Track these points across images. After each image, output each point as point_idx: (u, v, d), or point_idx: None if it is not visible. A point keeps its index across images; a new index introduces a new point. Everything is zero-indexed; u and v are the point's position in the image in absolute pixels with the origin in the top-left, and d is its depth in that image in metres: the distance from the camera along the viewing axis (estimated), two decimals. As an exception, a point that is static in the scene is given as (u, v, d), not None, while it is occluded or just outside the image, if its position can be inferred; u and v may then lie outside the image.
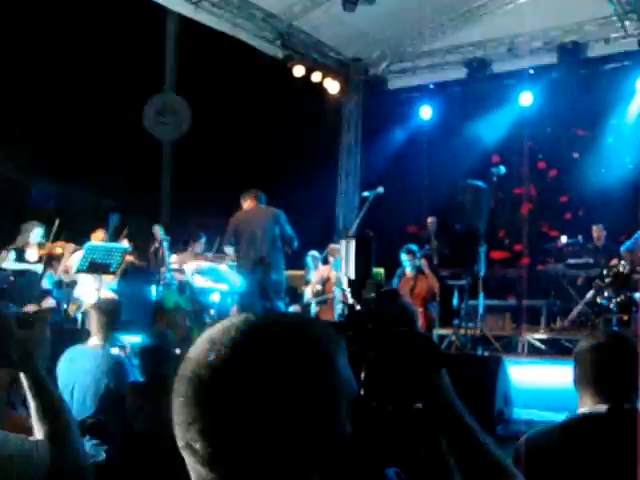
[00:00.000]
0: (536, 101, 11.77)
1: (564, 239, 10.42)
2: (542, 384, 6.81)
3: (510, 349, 9.38)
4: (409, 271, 9.13)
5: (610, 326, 8.34)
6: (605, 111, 11.53)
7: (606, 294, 8.13)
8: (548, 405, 4.96)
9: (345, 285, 2.68)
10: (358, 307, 2.39)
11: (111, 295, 7.84)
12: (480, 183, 8.17)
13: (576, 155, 12.00)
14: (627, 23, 10.66)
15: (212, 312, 8.81)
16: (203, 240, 9.52)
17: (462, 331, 8.46)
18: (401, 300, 3.82)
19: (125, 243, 8.65)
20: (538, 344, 9.47)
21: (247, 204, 8.00)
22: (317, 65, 12.09)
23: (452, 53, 12.11)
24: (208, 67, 10.71)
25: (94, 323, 4.51)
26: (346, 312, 2.79)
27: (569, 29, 11.19)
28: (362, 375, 1.15)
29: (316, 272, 9.73)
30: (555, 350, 9.10)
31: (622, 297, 8.05)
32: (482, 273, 7.66)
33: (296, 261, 9.61)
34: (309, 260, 9.97)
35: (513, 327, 10.21)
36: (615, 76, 11.21)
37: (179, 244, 9.45)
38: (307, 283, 9.81)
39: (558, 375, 6.19)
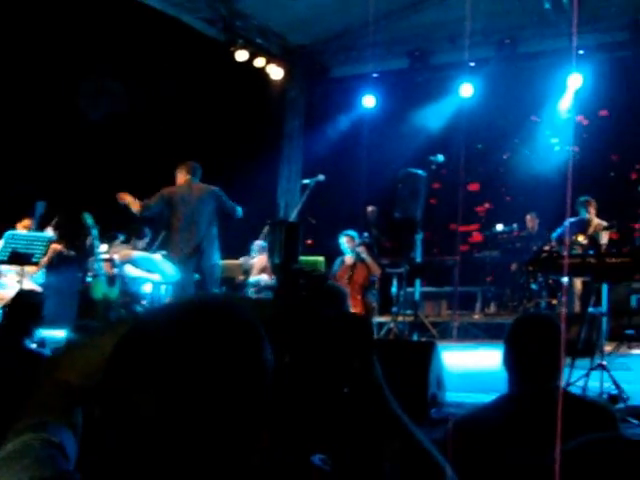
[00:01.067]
0: (475, 92, 11.94)
1: (499, 227, 10.62)
2: (475, 367, 6.96)
3: (446, 334, 9.54)
4: (348, 258, 9.13)
5: (539, 310, 8.58)
6: (539, 104, 11.76)
7: (536, 279, 8.37)
8: (480, 388, 5.05)
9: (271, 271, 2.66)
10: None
11: (34, 287, 7.47)
12: (419, 171, 8.24)
13: (509, 150, 12.26)
14: (560, 21, 10.88)
15: (144, 303, 8.49)
16: (147, 238, 9.17)
17: (400, 318, 8.56)
18: (329, 283, 3.82)
19: (50, 232, 8.26)
20: (473, 329, 9.65)
21: (181, 177, 7.67)
22: (261, 50, 11.98)
23: (395, 43, 12.15)
24: (148, 47, 10.47)
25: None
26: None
27: (507, 24, 11.34)
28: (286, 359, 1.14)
29: (256, 261, 9.47)
30: (489, 334, 9.30)
31: (551, 282, 8.30)
32: (418, 260, 7.75)
33: (238, 250, 9.52)
34: (254, 249, 9.67)
35: (449, 313, 10.38)
36: (548, 71, 11.41)
37: (116, 237, 8.99)
38: (246, 272, 9.55)
39: (490, 358, 6.33)
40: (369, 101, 12.54)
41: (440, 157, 8.00)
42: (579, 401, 2.40)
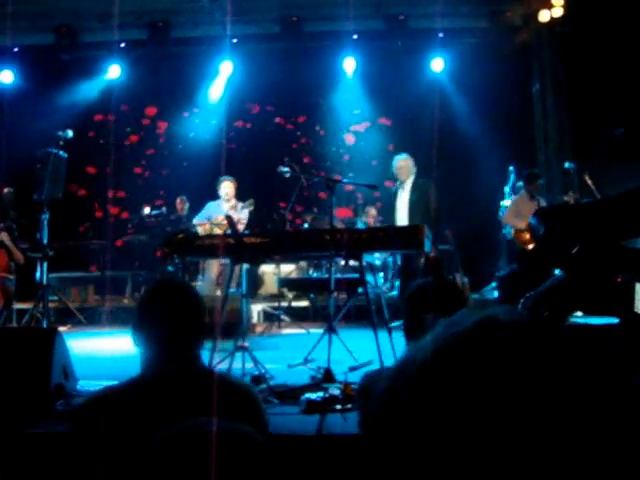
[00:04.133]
0: (127, 74, 11.57)
1: (147, 210, 10.41)
2: (123, 352, 6.64)
3: (95, 320, 9.10)
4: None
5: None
6: (192, 88, 11.77)
7: (173, 261, 8.34)
8: (112, 374, 4.76)
9: None
10: None
11: None
12: (60, 152, 7.75)
13: (168, 130, 12.12)
14: (215, 10, 11.03)
15: None
16: None
17: (41, 304, 7.91)
18: None
19: None
20: (122, 313, 9.32)
21: None
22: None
23: (41, 17, 11.23)
24: None
25: None
26: None
27: (161, 7, 11.16)
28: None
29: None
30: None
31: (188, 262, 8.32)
32: (45, 241, 7.21)
33: None
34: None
35: (97, 298, 9.92)
36: (201, 58, 11.48)
37: None
38: None
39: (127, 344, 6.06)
40: (6, 77, 11.39)
41: (69, 133, 7.59)
42: (222, 381, 2.20)
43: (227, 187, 8.24)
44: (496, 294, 9.11)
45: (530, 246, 8.13)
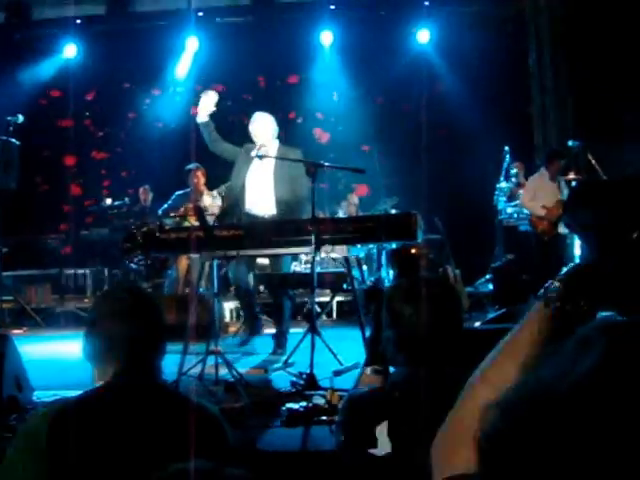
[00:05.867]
0: (84, 53, 11.30)
1: (109, 201, 10.07)
2: (73, 358, 6.32)
3: (52, 322, 8.81)
4: None
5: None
6: (157, 67, 11.45)
7: (135, 258, 8.08)
8: (73, 383, 4.46)
9: None
10: None
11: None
12: (12, 140, 7.60)
13: (131, 115, 11.78)
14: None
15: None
16: None
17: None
18: None
19: None
20: (83, 314, 9.00)
21: None
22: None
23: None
24: None
25: None
26: None
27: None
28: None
29: None
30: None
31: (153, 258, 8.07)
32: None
33: None
34: None
35: (55, 298, 9.60)
36: (165, 33, 11.18)
37: None
38: None
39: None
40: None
41: (20, 118, 7.47)
42: (178, 400, 2.04)
43: (196, 177, 7.97)
44: (490, 287, 8.92)
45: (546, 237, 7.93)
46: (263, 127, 6.14)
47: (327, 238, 4.83)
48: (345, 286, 6.55)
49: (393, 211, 8.62)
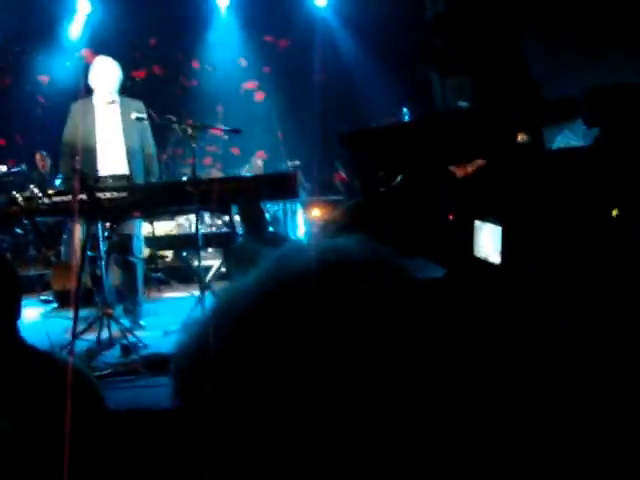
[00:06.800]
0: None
1: (3, 168, 9.85)
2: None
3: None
4: None
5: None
6: (45, 29, 11.20)
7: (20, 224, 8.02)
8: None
9: None
10: None
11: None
12: None
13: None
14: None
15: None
16: None
17: None
18: None
19: None
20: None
21: None
22: None
23: None
24: None
25: None
26: None
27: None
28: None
29: None
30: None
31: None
32: None
33: None
34: None
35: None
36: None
37: None
38: None
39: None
40: None
41: None
42: (43, 359, 2.01)
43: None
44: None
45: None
46: (107, 73, 5.89)
47: (208, 198, 4.96)
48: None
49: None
